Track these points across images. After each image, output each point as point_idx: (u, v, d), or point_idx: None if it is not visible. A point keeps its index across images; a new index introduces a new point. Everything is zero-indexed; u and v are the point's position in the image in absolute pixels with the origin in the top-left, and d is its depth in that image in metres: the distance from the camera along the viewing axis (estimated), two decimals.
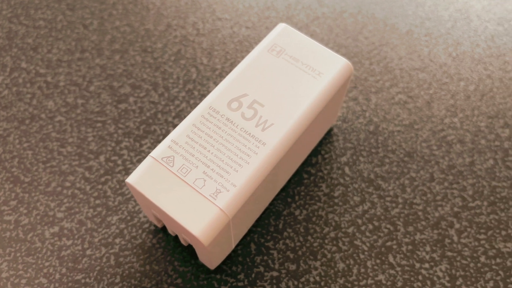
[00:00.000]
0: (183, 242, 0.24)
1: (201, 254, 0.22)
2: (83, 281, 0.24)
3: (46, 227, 0.26)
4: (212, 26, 0.32)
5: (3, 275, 0.24)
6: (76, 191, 0.27)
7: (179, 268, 0.25)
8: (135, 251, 0.25)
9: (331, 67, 0.23)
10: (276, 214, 0.26)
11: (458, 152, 0.28)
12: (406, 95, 0.30)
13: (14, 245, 0.25)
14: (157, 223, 0.25)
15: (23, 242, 0.25)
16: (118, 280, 0.24)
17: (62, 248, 0.25)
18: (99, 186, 0.27)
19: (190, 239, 0.21)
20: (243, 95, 0.23)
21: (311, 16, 0.33)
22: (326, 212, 0.26)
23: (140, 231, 0.26)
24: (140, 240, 0.25)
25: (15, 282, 0.24)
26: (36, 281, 0.24)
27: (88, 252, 0.25)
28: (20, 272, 0.25)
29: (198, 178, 0.21)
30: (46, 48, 0.31)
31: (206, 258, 0.23)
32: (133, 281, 0.24)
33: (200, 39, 0.32)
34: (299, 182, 0.27)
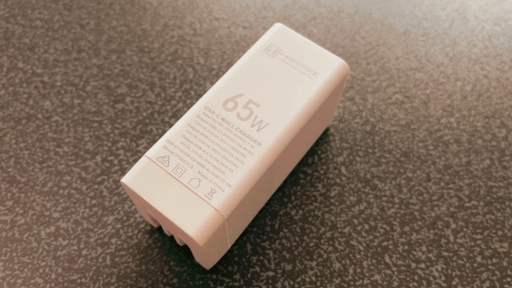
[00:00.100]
0: (178, 242, 0.24)
1: (196, 254, 0.22)
2: (79, 281, 0.24)
3: (42, 227, 0.26)
4: (209, 26, 0.32)
5: None
6: (72, 191, 0.27)
7: (175, 268, 0.25)
8: (131, 251, 0.25)
9: (327, 67, 0.23)
10: (272, 214, 0.26)
11: (454, 152, 0.28)
12: (403, 95, 0.30)
13: (10, 245, 0.25)
14: (153, 223, 0.25)
15: (19, 242, 0.25)
16: (114, 280, 0.24)
17: (58, 248, 0.25)
18: (95, 186, 0.27)
19: (185, 239, 0.21)
20: (239, 95, 0.22)
21: (308, 16, 0.33)
22: (322, 212, 0.26)
23: (136, 231, 0.26)
24: (136, 240, 0.25)
25: (11, 282, 0.24)
26: (32, 281, 0.24)
27: (84, 252, 0.25)
28: (16, 272, 0.25)
29: (193, 178, 0.21)
30: (43, 48, 0.31)
31: (202, 258, 0.23)
32: (129, 281, 0.24)
33: (197, 39, 0.32)
34: (295, 182, 0.27)
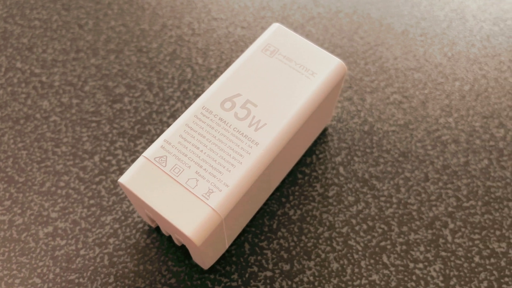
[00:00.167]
0: (176, 242, 0.24)
1: (194, 254, 0.22)
2: (76, 281, 0.24)
3: (40, 227, 0.26)
4: (207, 26, 0.32)
5: None
6: (70, 191, 0.27)
7: (173, 268, 0.25)
8: (129, 251, 0.25)
9: (324, 67, 0.23)
10: (270, 214, 0.26)
11: (452, 152, 0.28)
12: (401, 95, 0.30)
13: (8, 245, 0.25)
14: (151, 223, 0.25)
15: (17, 242, 0.25)
16: (112, 280, 0.24)
17: (56, 248, 0.25)
18: (94, 186, 0.27)
19: (182, 239, 0.21)
20: (236, 95, 0.22)
21: (306, 16, 0.33)
22: (320, 212, 0.26)
23: (134, 231, 0.26)
24: (134, 240, 0.25)
25: (8, 282, 0.24)
26: (30, 281, 0.24)
27: (82, 252, 0.25)
28: (14, 272, 0.25)
29: (191, 178, 0.21)
30: (41, 48, 0.31)
31: (200, 258, 0.23)
32: (126, 281, 0.24)
33: (195, 39, 0.32)
34: (293, 182, 0.27)
